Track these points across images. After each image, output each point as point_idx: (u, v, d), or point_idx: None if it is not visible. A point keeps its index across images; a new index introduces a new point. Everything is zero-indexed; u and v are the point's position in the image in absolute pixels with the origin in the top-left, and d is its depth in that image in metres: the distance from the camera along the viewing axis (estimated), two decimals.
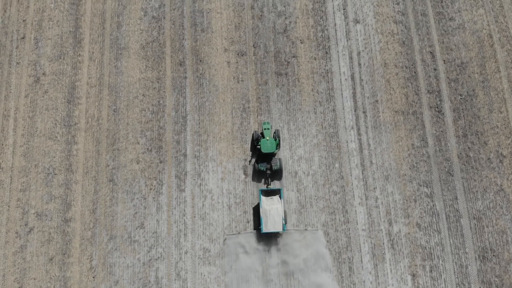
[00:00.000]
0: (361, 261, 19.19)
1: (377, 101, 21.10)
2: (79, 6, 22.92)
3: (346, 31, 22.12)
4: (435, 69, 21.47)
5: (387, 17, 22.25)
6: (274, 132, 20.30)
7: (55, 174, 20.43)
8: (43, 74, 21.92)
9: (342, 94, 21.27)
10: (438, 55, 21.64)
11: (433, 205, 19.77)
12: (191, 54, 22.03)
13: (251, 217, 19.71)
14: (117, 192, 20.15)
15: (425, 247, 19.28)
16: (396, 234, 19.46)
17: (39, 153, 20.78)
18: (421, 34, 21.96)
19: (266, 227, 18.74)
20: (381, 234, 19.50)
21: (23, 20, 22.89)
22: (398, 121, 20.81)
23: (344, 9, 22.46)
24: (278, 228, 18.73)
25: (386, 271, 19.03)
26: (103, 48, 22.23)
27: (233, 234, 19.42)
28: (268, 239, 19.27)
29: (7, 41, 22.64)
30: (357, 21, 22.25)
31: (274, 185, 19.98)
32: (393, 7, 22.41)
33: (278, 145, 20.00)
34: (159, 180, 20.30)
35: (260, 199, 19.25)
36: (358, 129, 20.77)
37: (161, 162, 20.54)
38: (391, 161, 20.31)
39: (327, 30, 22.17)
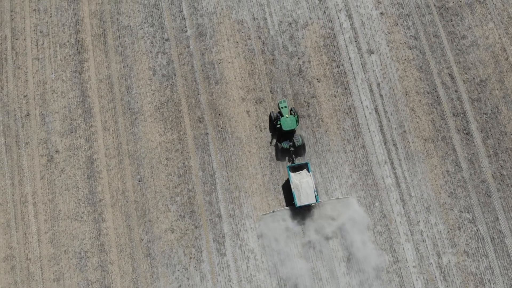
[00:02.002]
0: None
1: (405, 131, 20.78)
2: (82, 73, 21.75)
3: (362, 64, 21.70)
4: (456, 91, 21.30)
5: (400, 43, 21.94)
6: (291, 109, 20.38)
7: (88, 257, 19.35)
8: (56, 151, 20.71)
9: (369, 128, 20.86)
10: (457, 76, 21.47)
11: (477, 230, 19.61)
12: (209, 109, 21.21)
13: (300, 272, 19.08)
14: (157, 266, 19.22)
15: (476, 274, 19.11)
16: (446, 266, 19.22)
17: (66, 237, 19.63)
18: (437, 56, 21.73)
19: (300, 201, 18.96)
20: (432, 268, 19.22)
21: (24, 96, 21.58)
22: (429, 149, 20.54)
23: (356, 41, 22.03)
24: (311, 200, 18.95)
25: None
26: (116, 115, 21.16)
27: (268, 213, 19.50)
28: (302, 212, 19.35)
29: (11, 120, 21.30)
30: (371, 52, 21.85)
31: (299, 160, 20.24)
32: (405, 33, 22.11)
33: (297, 121, 20.24)
34: (198, 247, 19.47)
35: (289, 175, 19.29)
36: (392, 163, 20.41)
37: (196, 227, 19.71)
38: (429, 191, 20.03)
39: (342, 65, 21.71)
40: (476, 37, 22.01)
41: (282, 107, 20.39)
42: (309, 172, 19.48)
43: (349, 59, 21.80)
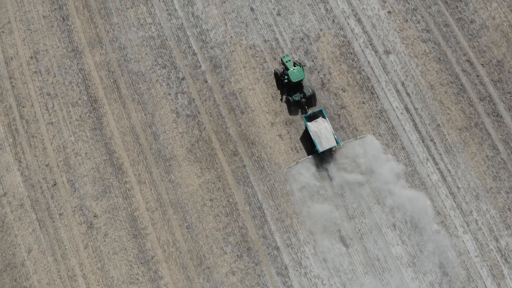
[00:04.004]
0: (485, 286, 19.01)
1: (438, 125, 20.84)
2: (102, 129, 20.73)
3: (382, 66, 21.61)
4: (477, 76, 21.51)
5: (414, 38, 21.96)
6: (295, 62, 20.69)
7: None
8: (94, 216, 19.69)
9: (404, 129, 20.81)
10: (475, 60, 21.68)
11: None
12: (241, 140, 20.65)
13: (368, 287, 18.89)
14: None
15: None
16: (505, 248, 19.43)
17: None
18: (452, 45, 21.88)
19: (322, 146, 19.45)
20: (493, 253, 19.39)
21: (46, 165, 20.40)
22: (466, 138, 20.69)
23: (371, 44, 21.90)
24: (332, 143, 19.51)
25: (509, 286, 18.99)
26: (149, 165, 20.30)
27: (292, 165, 19.76)
28: (324, 158, 19.90)
29: (38, 194, 20.09)
30: (388, 52, 21.78)
31: (311, 110, 20.61)
32: (416, 27, 22.15)
33: (303, 71, 20.60)
34: (263, 284, 18.94)
35: (306, 125, 19.68)
36: (433, 159, 20.43)
37: (256, 264, 19.17)
38: (475, 179, 20.18)
39: (363, 70, 21.56)
40: (484, 19, 22.28)
41: (287, 61, 20.63)
42: (324, 118, 19.95)
43: (369, 63, 21.66)
